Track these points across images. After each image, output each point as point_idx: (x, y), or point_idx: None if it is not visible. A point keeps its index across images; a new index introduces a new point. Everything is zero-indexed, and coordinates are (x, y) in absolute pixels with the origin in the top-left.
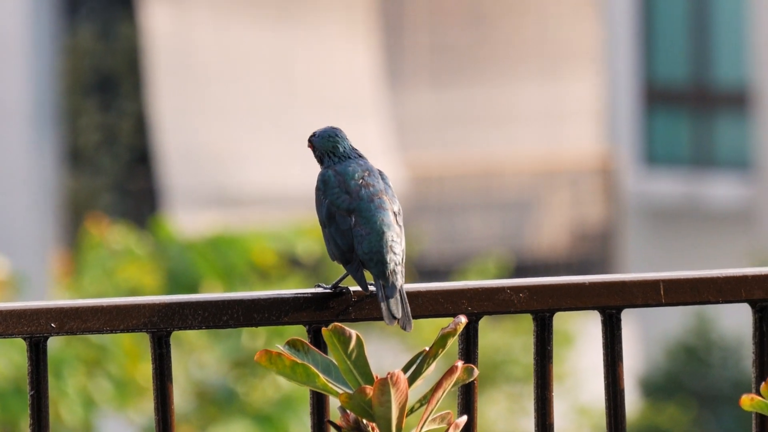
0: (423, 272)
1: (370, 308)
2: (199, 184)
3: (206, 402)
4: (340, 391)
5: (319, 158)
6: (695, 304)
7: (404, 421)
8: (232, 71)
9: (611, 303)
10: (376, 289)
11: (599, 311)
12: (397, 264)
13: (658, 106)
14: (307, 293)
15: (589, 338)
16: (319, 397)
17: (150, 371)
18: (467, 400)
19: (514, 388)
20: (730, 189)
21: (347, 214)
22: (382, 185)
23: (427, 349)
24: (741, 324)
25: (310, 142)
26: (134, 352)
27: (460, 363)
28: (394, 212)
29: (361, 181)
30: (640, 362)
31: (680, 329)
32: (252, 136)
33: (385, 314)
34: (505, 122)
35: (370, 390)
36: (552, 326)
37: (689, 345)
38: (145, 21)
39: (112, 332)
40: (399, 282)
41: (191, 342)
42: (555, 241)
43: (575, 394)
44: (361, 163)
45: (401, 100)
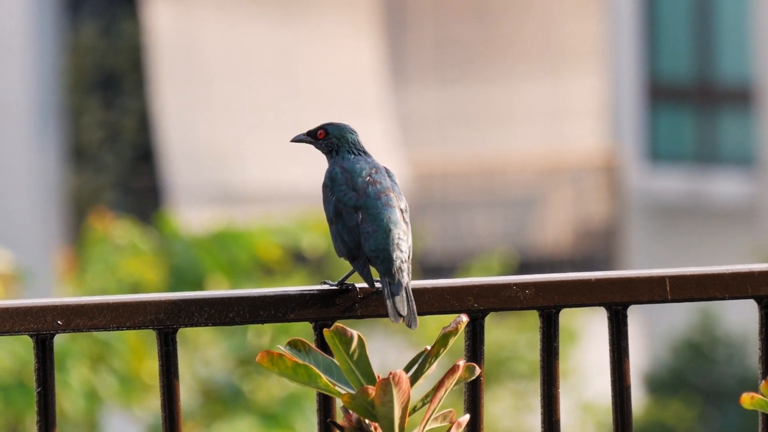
0: (427, 269)
1: (376, 305)
2: (202, 181)
3: (211, 400)
4: (342, 392)
5: (329, 148)
6: (701, 301)
7: (407, 420)
8: (236, 68)
9: (617, 299)
10: (382, 287)
11: (605, 308)
12: (403, 261)
13: (662, 103)
14: (314, 290)
15: (592, 335)
16: (326, 397)
17: (155, 368)
18: (473, 397)
19: (518, 385)
20: (733, 185)
21: (354, 211)
22: (389, 182)
23: (429, 348)
24: (746, 320)
25: (324, 129)
26: (139, 349)
27: (461, 362)
28: (400, 209)
29: (368, 178)
30: (645, 359)
31: (685, 326)
32: (255, 133)
33: (390, 311)
34: (509, 119)
35: (372, 390)
36: (558, 323)
37: (694, 341)
38: (148, 18)
39: (119, 329)
40: (405, 279)
41: (196, 339)
42: (559, 238)
43: (579, 390)
44: (369, 161)
45: (405, 97)
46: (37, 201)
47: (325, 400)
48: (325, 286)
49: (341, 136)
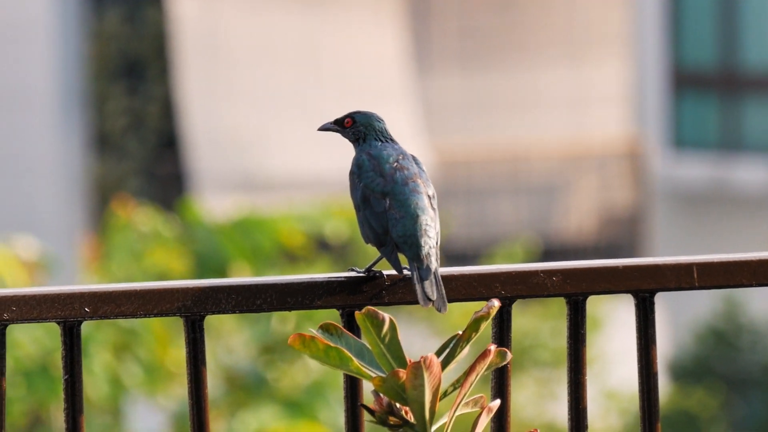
0: (451, 256)
1: (403, 292)
2: (225, 168)
3: (235, 387)
4: (373, 375)
5: (357, 136)
6: (728, 288)
7: (437, 404)
8: (259, 55)
9: (644, 286)
10: (411, 272)
11: (632, 295)
12: (431, 247)
13: (686, 90)
14: (341, 277)
15: (617, 322)
16: (353, 382)
17: (179, 356)
18: (501, 383)
19: (542, 373)
20: (758, 173)
21: (382, 197)
22: (417, 169)
23: (460, 333)
24: None
25: (351, 117)
26: (164, 337)
27: (493, 347)
28: (428, 196)
29: (395, 164)
30: (669, 346)
31: (709, 313)
32: (278, 120)
33: (420, 296)
34: (533, 106)
35: (403, 374)
36: (585, 310)
37: (718, 329)
38: (172, 5)
39: (146, 316)
40: (434, 265)
41: (220, 327)
42: (583, 226)
43: (603, 378)
44: (396, 148)
45: (429, 85)
46: (61, 188)
47: (353, 386)
48: (353, 273)
49: (368, 124)
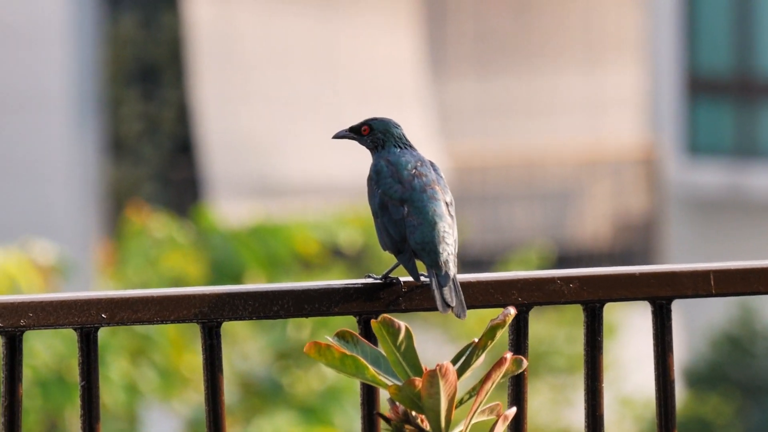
0: (466, 262)
1: (420, 299)
2: (240, 173)
3: (250, 394)
4: (389, 383)
5: (375, 144)
6: (745, 295)
7: (453, 413)
8: (275, 60)
9: (661, 294)
10: (430, 278)
11: (649, 302)
12: (449, 254)
13: (702, 96)
14: (358, 284)
15: (631, 329)
16: (369, 389)
17: (194, 362)
18: (517, 391)
19: (557, 379)
20: None
21: (400, 204)
22: (435, 175)
23: (476, 340)
24: None
25: (368, 125)
26: (179, 343)
27: (509, 354)
28: (446, 203)
29: (413, 171)
30: (684, 352)
31: (724, 319)
32: (294, 126)
33: (438, 302)
34: (549, 111)
35: (419, 382)
36: (602, 317)
37: (733, 335)
38: (188, 10)
39: (163, 323)
40: (452, 271)
41: (235, 333)
42: (597, 232)
43: (618, 384)
44: (414, 154)
45: (444, 89)
46: (76, 193)
47: (369, 393)
48: (369, 280)
49: (386, 130)
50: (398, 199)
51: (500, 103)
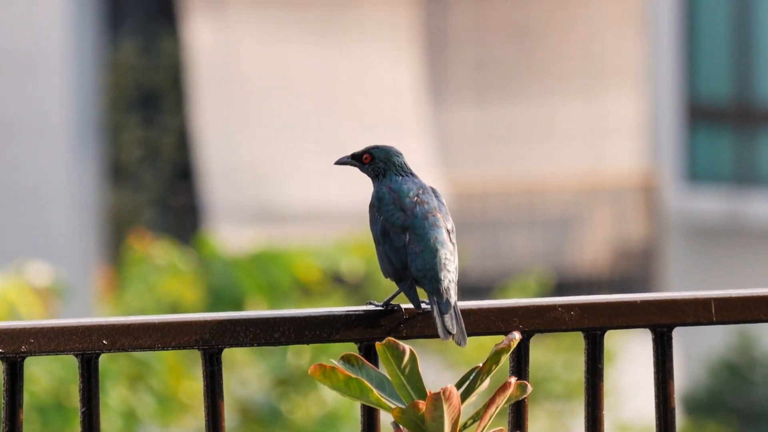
0: (464, 289)
1: (421, 326)
2: (240, 199)
3: (249, 420)
4: (393, 406)
5: (376, 172)
6: (746, 323)
7: None
8: (275, 87)
9: (662, 321)
10: (431, 305)
11: (650, 329)
12: (451, 281)
13: (701, 124)
14: (359, 310)
15: (629, 356)
16: (370, 413)
17: (192, 388)
18: (518, 417)
19: (555, 406)
20: None
21: (401, 231)
22: (436, 203)
23: (480, 365)
24: None
25: (370, 153)
26: (177, 369)
27: (513, 379)
28: (447, 230)
29: (416, 198)
30: (683, 380)
31: (723, 346)
32: (294, 152)
33: (440, 329)
34: (548, 139)
35: (423, 405)
36: (603, 344)
37: (732, 362)
38: (188, 36)
39: (164, 349)
40: (453, 299)
41: (233, 359)
42: (597, 259)
43: (616, 411)
44: (416, 181)
45: (444, 116)
46: (76, 219)
47: (370, 418)
48: (371, 307)
49: (387, 159)
50: (400, 226)
51: (500, 130)
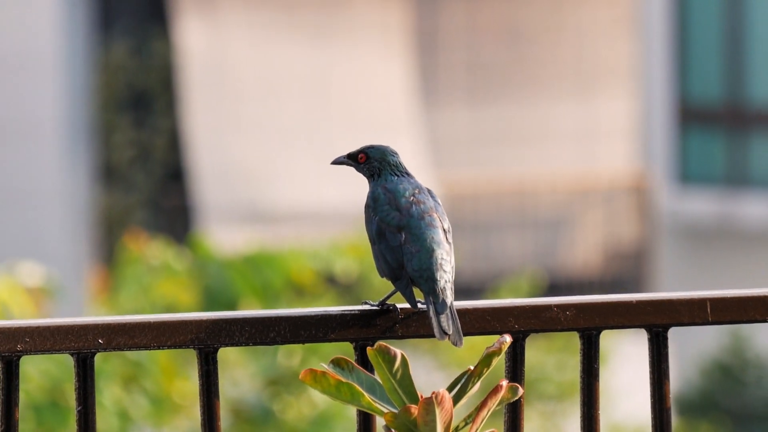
0: (456, 290)
1: (417, 325)
2: (232, 201)
3: (241, 420)
4: (384, 410)
5: (371, 172)
6: (741, 323)
7: None
8: (267, 88)
9: (658, 321)
10: (427, 305)
11: (646, 329)
12: (447, 281)
13: (693, 125)
14: (354, 310)
15: (621, 357)
16: (366, 417)
17: (186, 388)
18: (513, 418)
19: (547, 406)
20: (764, 208)
21: (397, 231)
22: (432, 203)
23: (472, 368)
24: None
25: (365, 153)
26: (170, 369)
27: (504, 382)
28: (443, 230)
29: (411, 198)
30: (675, 380)
31: (715, 347)
32: (286, 154)
33: (435, 329)
34: (540, 140)
35: (415, 409)
36: (599, 344)
37: (724, 363)
38: (180, 37)
39: (159, 348)
40: (449, 299)
41: (226, 359)
42: (589, 260)
43: (608, 411)
44: (411, 181)
45: (436, 118)
46: (68, 220)
47: (365, 420)
48: (366, 307)
49: (383, 158)
50: (396, 226)
51: (492, 131)
